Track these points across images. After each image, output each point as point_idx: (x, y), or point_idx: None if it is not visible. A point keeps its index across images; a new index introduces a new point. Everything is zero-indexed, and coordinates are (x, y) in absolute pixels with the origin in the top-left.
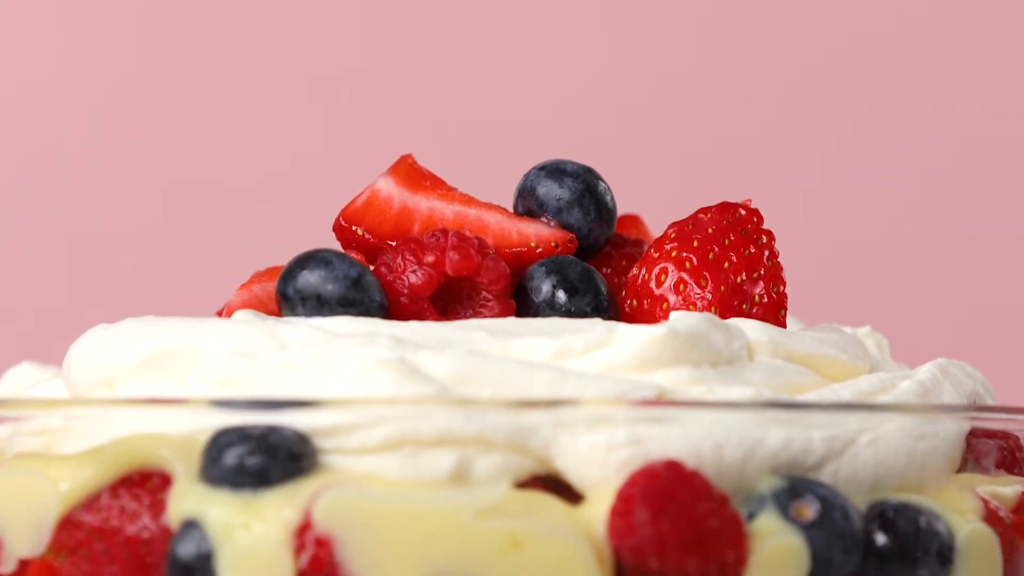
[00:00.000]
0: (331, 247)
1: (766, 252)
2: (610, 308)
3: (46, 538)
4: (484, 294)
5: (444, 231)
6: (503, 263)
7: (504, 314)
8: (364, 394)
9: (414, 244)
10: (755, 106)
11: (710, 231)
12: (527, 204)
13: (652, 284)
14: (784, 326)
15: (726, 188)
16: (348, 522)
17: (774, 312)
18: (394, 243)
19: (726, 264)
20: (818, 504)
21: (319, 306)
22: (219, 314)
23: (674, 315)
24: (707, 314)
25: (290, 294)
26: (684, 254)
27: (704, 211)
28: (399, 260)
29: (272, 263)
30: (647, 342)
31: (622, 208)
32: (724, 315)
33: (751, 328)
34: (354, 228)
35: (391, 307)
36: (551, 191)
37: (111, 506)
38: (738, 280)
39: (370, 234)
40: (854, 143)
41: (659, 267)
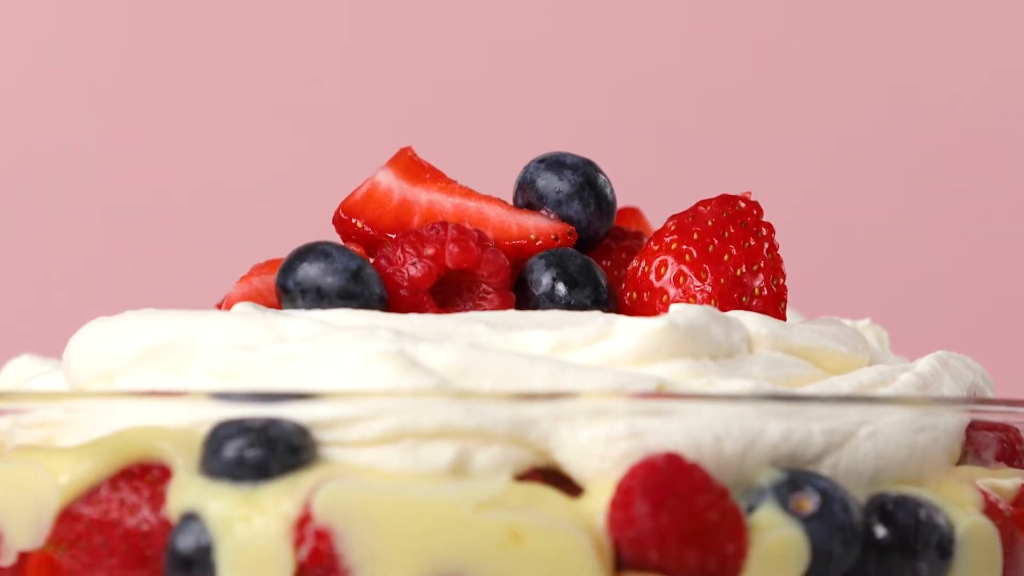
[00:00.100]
0: (331, 239)
1: (766, 245)
2: (610, 301)
3: (46, 531)
4: (484, 287)
5: (444, 224)
6: (503, 256)
7: (504, 307)
8: (364, 387)
9: (414, 237)
10: (755, 99)
11: (710, 224)
12: (527, 197)
13: (652, 277)
14: (784, 319)
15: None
16: (348, 515)
17: (774, 305)
18: (394, 236)
19: (726, 257)
20: (818, 497)
21: (319, 299)
22: (219, 307)
23: (674, 308)
24: (707, 307)
25: (290, 287)
26: (684, 247)
27: (704, 204)
28: (399, 253)
29: (272, 255)
30: (647, 335)
31: (622, 201)
32: (724, 308)
33: (751, 321)
34: (354, 221)
35: (391, 300)
36: (551, 184)
37: (111, 499)
38: (738, 273)
39: (370, 227)
40: (854, 136)
41: (659, 260)
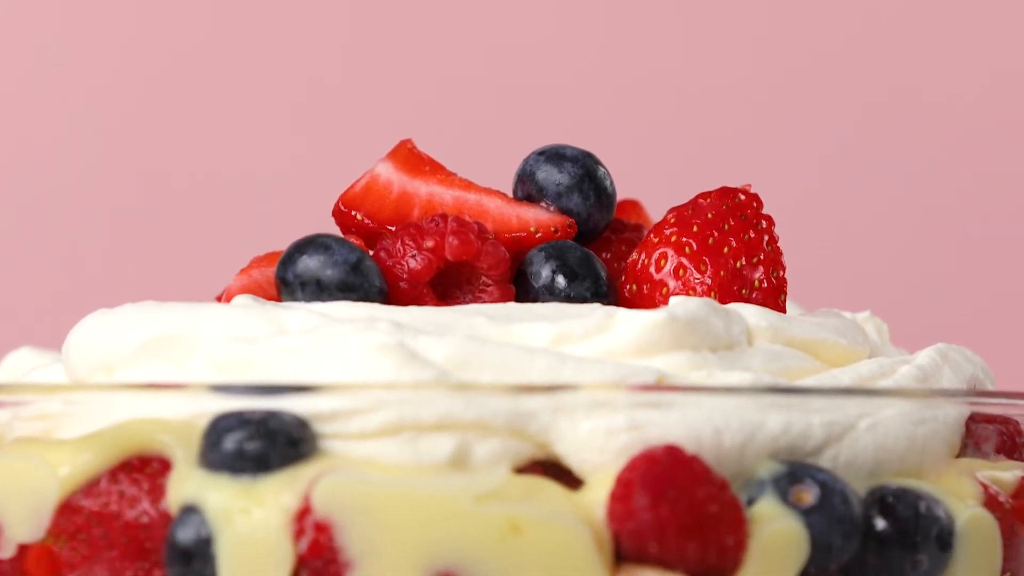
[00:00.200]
0: (330, 232)
1: (766, 237)
2: (609, 293)
3: (45, 523)
4: (483, 279)
5: (443, 216)
6: (502, 248)
7: (503, 299)
8: (363, 379)
9: (413, 229)
10: (755, 92)
11: (710, 216)
12: (526, 189)
13: (652, 269)
14: (784, 311)
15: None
16: (347, 507)
17: (774, 297)
18: (393, 228)
19: (726, 249)
20: (818, 489)
21: (318, 291)
22: (218, 299)
23: (674, 300)
24: (707, 299)
25: (289, 279)
26: (684, 239)
27: (704, 196)
28: (398, 245)
29: (271, 248)
30: (646, 327)
31: (621, 193)
32: (724, 300)
33: (751, 313)
34: (353, 213)
35: (390, 292)
36: (550, 176)
37: (110, 491)
38: (738, 265)
39: (369, 219)
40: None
41: (659, 252)
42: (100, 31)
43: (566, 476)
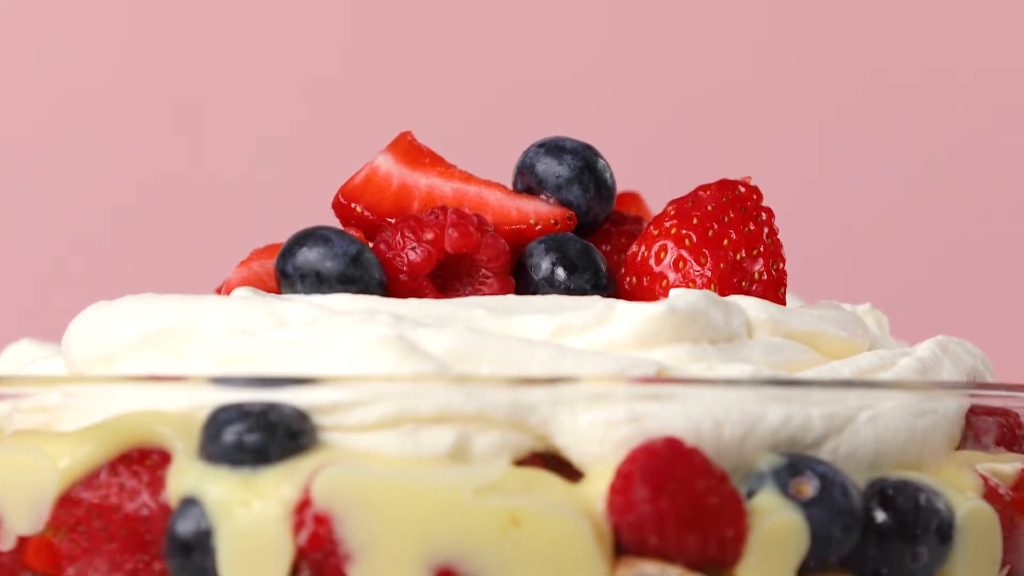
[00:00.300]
0: (330, 224)
1: (765, 229)
2: (609, 285)
3: (45, 515)
4: (483, 271)
5: (443, 208)
6: (502, 240)
7: (503, 291)
8: (363, 371)
9: (413, 221)
10: (755, 83)
11: (709, 208)
12: (526, 181)
13: (651, 261)
14: (784, 303)
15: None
16: (347, 499)
17: (774, 289)
18: (393, 220)
19: (725, 241)
20: (817, 481)
21: (318, 283)
22: (218, 291)
23: (673, 292)
24: (706, 291)
25: (289, 271)
26: (683, 231)
27: (703, 188)
28: (398, 237)
29: (271, 240)
30: (646, 319)
31: (621, 185)
32: (723, 292)
33: (751, 305)
34: (353, 205)
35: (390, 284)
36: (550, 168)
37: (110, 483)
38: (737, 257)
39: (369, 211)
40: (854, 121)
41: (658, 244)
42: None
43: (566, 468)
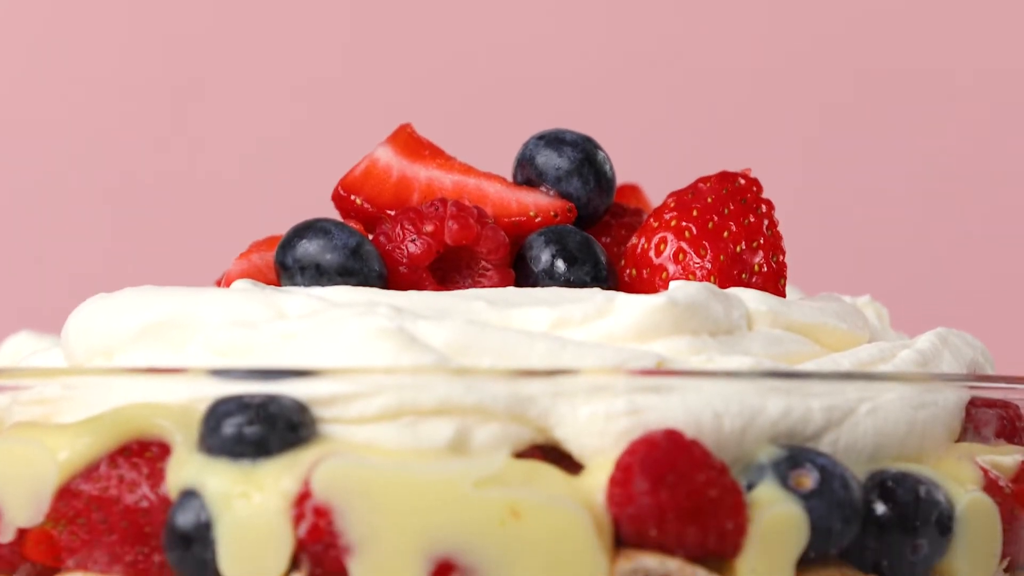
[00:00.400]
0: (330, 216)
1: (765, 221)
2: (609, 277)
3: (44, 507)
4: (483, 263)
5: (443, 200)
6: (502, 232)
7: (503, 284)
8: (363, 363)
9: (413, 213)
10: (755, 76)
11: (709, 200)
12: (526, 173)
13: (651, 253)
14: (783, 295)
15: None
16: (347, 491)
17: (773, 281)
18: (393, 212)
19: (725, 233)
20: (817, 473)
21: (318, 275)
22: (218, 283)
23: (673, 284)
24: (706, 283)
25: (289, 263)
26: (683, 223)
27: (703, 180)
28: (398, 229)
29: (271, 232)
30: (646, 311)
31: (621, 177)
32: (723, 284)
33: (750, 297)
34: (353, 197)
35: (390, 276)
36: (550, 160)
37: (110, 475)
38: (737, 249)
39: (369, 203)
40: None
41: (658, 236)
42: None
43: (566, 460)
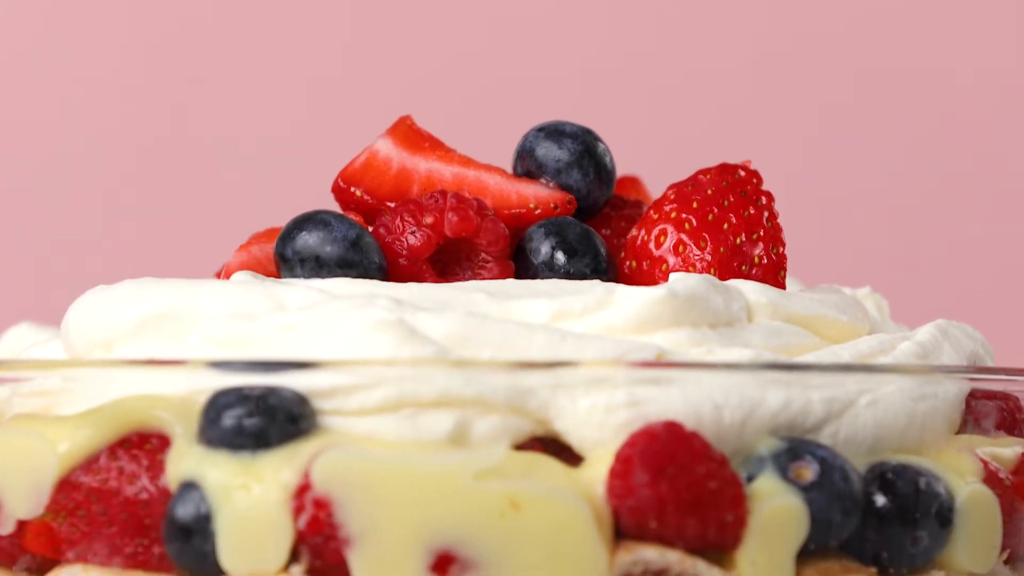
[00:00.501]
0: (330, 208)
1: (765, 213)
2: (609, 269)
3: (44, 499)
4: (483, 255)
5: (443, 192)
6: (502, 224)
7: (503, 276)
8: (363, 355)
9: (413, 205)
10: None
11: (709, 192)
12: (526, 165)
13: (651, 245)
14: (783, 287)
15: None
16: (347, 483)
17: (773, 273)
18: (393, 204)
19: (725, 225)
20: (817, 465)
21: (318, 267)
22: (217, 275)
23: (673, 276)
24: (706, 275)
25: (289, 255)
26: (683, 215)
27: (703, 172)
28: (398, 221)
29: (271, 224)
30: (646, 303)
31: (621, 169)
32: (723, 276)
33: (750, 289)
34: (353, 189)
35: (390, 268)
36: (550, 152)
37: (109, 467)
38: (737, 241)
39: (369, 195)
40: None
41: (658, 228)
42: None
43: (566, 452)
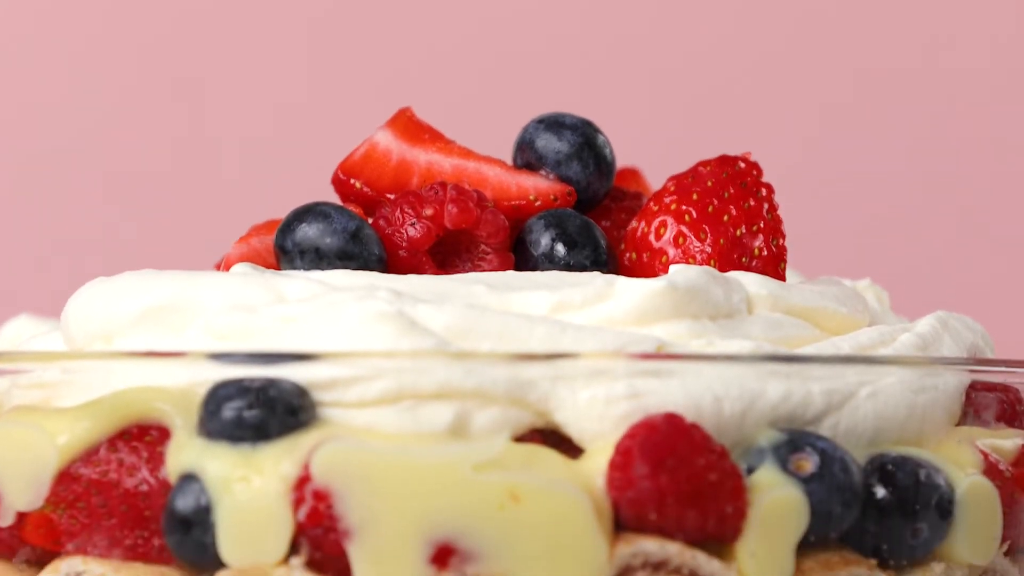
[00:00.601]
0: (329, 200)
1: (765, 205)
2: (609, 261)
3: (44, 491)
4: (483, 247)
5: (443, 184)
6: (502, 216)
7: (503, 267)
8: (363, 347)
9: (412, 197)
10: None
11: (709, 184)
12: (526, 157)
13: (651, 237)
14: (784, 279)
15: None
16: (347, 475)
17: (773, 265)
18: (392, 196)
19: (725, 217)
20: (817, 457)
21: (317, 259)
22: (217, 267)
23: (673, 268)
24: (706, 267)
25: (288, 247)
26: (683, 207)
27: (703, 164)
28: (397, 213)
29: (270, 216)
30: (646, 295)
31: (621, 161)
32: (723, 268)
33: (750, 281)
34: (352, 181)
35: (390, 260)
36: (550, 144)
37: (109, 459)
38: (737, 233)
39: (368, 187)
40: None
41: (658, 220)
42: None
43: (566, 444)
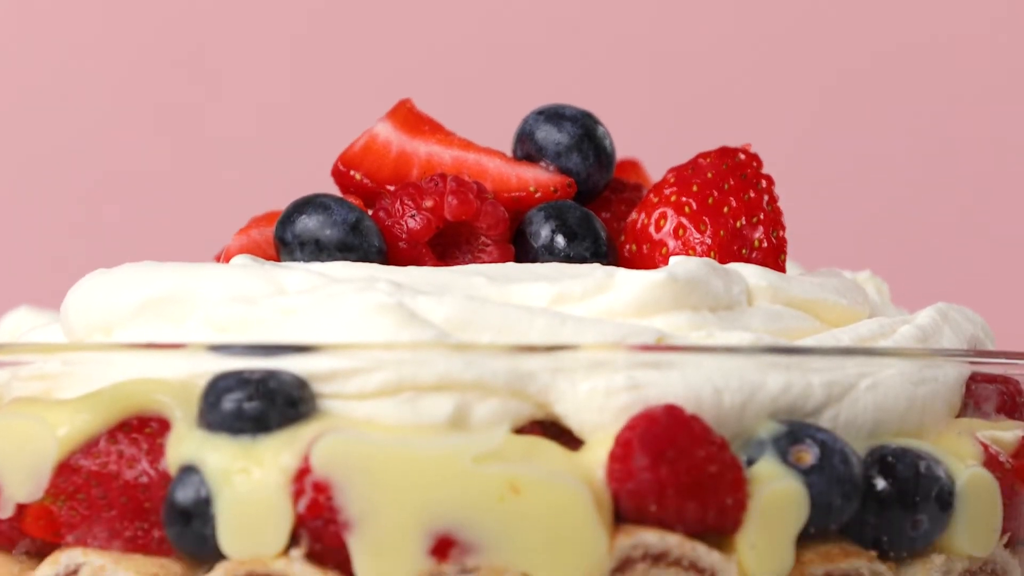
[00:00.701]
0: (329, 192)
1: (765, 197)
2: (609, 253)
3: (44, 483)
4: (483, 239)
5: (442, 176)
6: (502, 208)
7: (503, 259)
8: (362, 339)
9: (412, 189)
10: (755, 51)
11: (709, 176)
12: (526, 149)
13: (651, 229)
14: (784, 271)
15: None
16: (346, 467)
17: (773, 257)
18: (392, 188)
19: (725, 209)
20: (817, 449)
21: (317, 251)
22: (217, 259)
23: (673, 260)
24: (706, 259)
25: (288, 239)
26: (683, 199)
27: (703, 156)
28: (397, 205)
29: (270, 208)
30: (646, 287)
31: (621, 152)
32: (723, 260)
33: (751, 273)
34: (352, 173)
35: (389, 252)
36: (550, 136)
37: (109, 451)
38: (737, 225)
39: (368, 179)
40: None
41: (658, 212)
42: None
43: (566, 436)
